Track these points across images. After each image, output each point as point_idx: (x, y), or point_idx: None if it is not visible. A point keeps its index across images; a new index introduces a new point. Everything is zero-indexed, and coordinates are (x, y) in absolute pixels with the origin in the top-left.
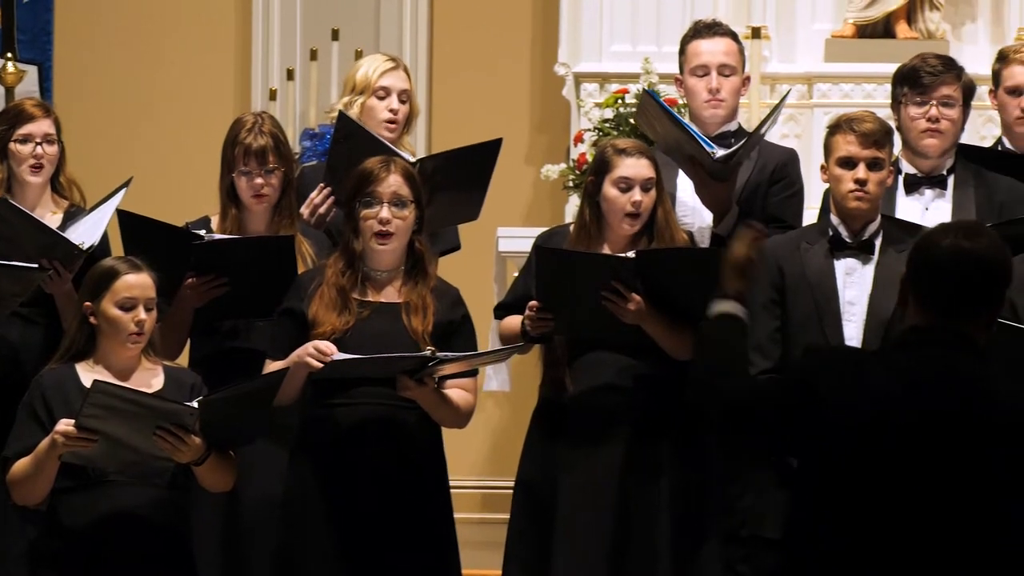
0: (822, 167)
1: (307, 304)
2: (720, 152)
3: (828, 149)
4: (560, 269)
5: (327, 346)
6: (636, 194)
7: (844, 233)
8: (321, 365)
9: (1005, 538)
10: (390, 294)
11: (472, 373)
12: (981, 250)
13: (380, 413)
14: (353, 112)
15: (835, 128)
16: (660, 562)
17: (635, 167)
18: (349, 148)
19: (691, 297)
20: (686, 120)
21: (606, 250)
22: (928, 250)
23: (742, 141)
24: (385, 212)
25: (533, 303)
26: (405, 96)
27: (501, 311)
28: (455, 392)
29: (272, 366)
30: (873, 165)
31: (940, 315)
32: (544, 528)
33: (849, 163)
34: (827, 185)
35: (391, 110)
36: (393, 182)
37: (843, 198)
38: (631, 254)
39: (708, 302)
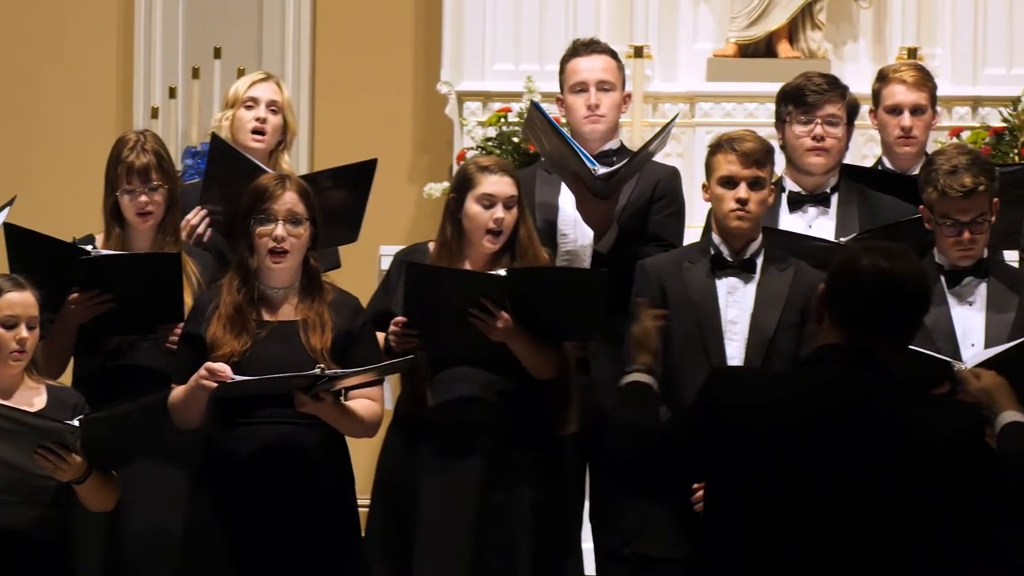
0: (703, 186)
1: (205, 327)
2: (602, 170)
3: (709, 168)
4: (429, 285)
5: (220, 367)
6: (498, 211)
7: (726, 252)
8: (215, 385)
9: (909, 559)
10: (287, 312)
11: (378, 382)
12: (901, 273)
13: (282, 432)
14: (224, 125)
15: (716, 147)
16: (520, 571)
17: (498, 184)
18: (222, 170)
19: (558, 316)
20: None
21: (467, 267)
22: (848, 269)
23: (624, 159)
24: (280, 230)
25: (398, 319)
26: (275, 107)
27: None
28: (359, 403)
29: (176, 391)
30: (754, 184)
31: (854, 335)
32: (404, 534)
33: (730, 182)
34: (709, 204)
35: (258, 119)
36: (288, 199)
37: (724, 217)
38: (502, 272)
39: (575, 321)
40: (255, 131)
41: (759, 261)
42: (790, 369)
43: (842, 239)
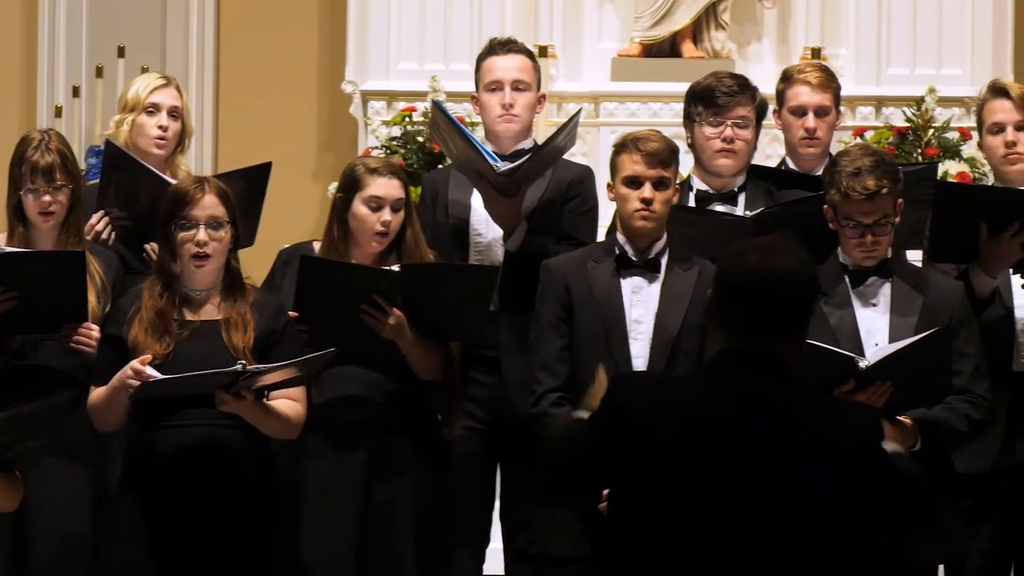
0: (608, 186)
1: (127, 330)
2: (505, 166)
3: (614, 168)
4: (322, 279)
5: (144, 367)
6: (386, 214)
7: (630, 252)
8: (138, 383)
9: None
10: (209, 312)
11: (299, 382)
12: (781, 269)
13: (204, 434)
14: (123, 130)
15: (621, 147)
16: (406, 558)
17: (386, 187)
18: (118, 176)
19: (449, 314)
20: (479, 136)
21: None
22: (729, 272)
23: (526, 156)
24: (202, 234)
25: (290, 313)
26: (176, 112)
27: None
28: (282, 402)
29: (96, 392)
30: (659, 184)
31: (745, 337)
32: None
33: (635, 182)
34: (614, 203)
35: (160, 126)
36: (208, 203)
37: (629, 217)
38: (396, 267)
39: (463, 320)
40: (158, 138)
41: (664, 261)
42: (693, 373)
43: (748, 212)
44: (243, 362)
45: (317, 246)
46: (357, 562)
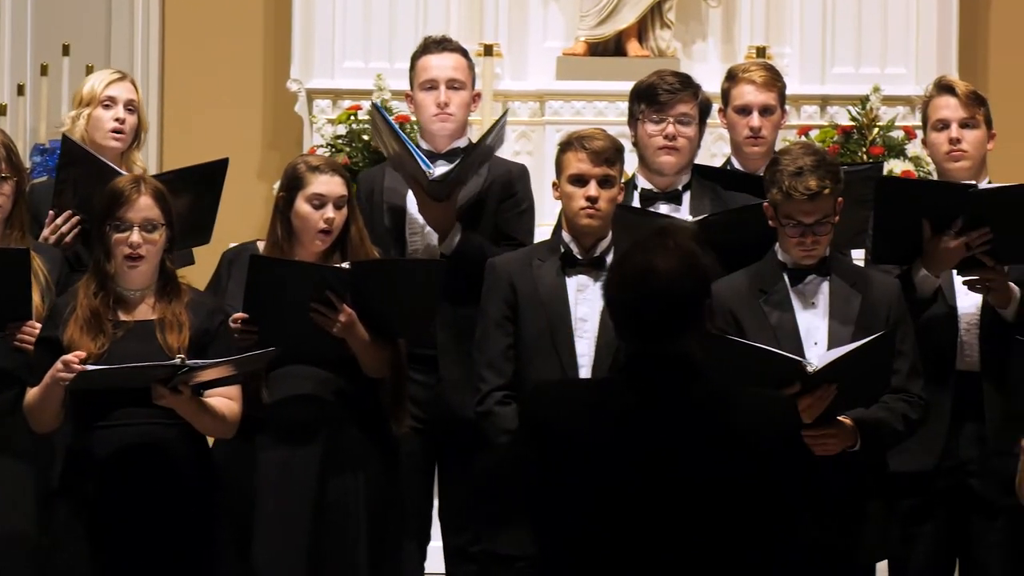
0: (554, 184)
1: (62, 330)
2: (437, 172)
3: (559, 166)
4: (271, 278)
5: (72, 356)
6: (329, 211)
7: (576, 250)
8: (71, 375)
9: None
10: (144, 312)
11: (235, 380)
12: (661, 271)
13: (141, 432)
14: (80, 124)
15: (566, 146)
16: (358, 556)
17: (328, 184)
18: (75, 172)
19: (399, 310)
20: (416, 136)
21: None
22: (612, 281)
23: (457, 161)
24: (136, 236)
25: (238, 315)
26: (132, 106)
27: None
28: (217, 400)
29: (31, 392)
30: (604, 182)
31: (646, 341)
32: (241, 531)
33: (580, 180)
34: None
35: (117, 119)
36: (143, 205)
37: (575, 215)
38: (345, 265)
39: (412, 316)
40: (114, 131)
41: (609, 259)
42: (607, 378)
43: (691, 217)
44: (182, 356)
45: (262, 246)
46: (310, 561)
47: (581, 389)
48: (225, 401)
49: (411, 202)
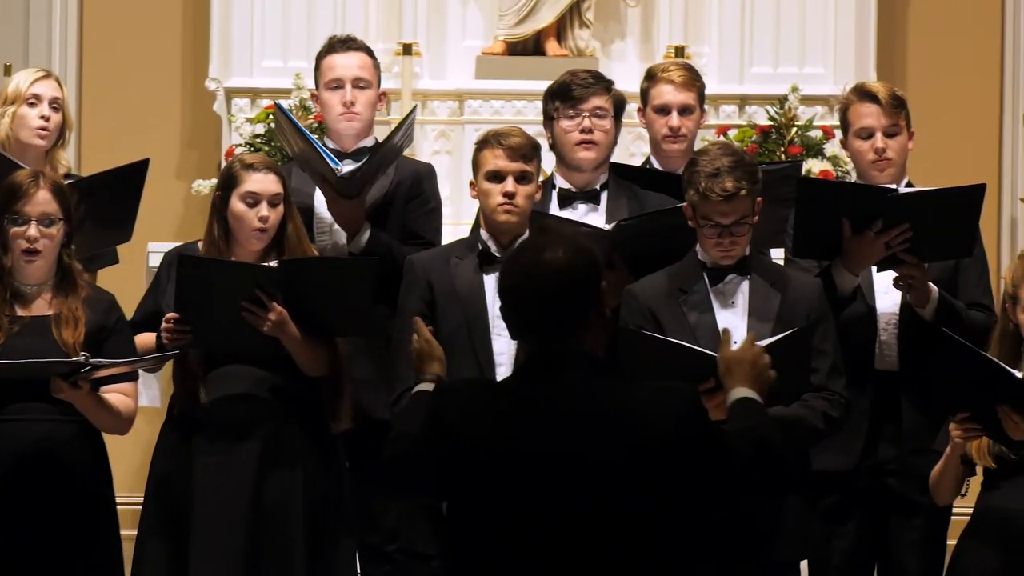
0: (471, 183)
1: None
2: (345, 169)
3: (476, 164)
4: (201, 278)
5: None
6: (263, 209)
7: (493, 248)
8: None
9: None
10: (40, 307)
11: (132, 377)
12: (550, 268)
13: (35, 429)
14: (4, 122)
15: (483, 143)
16: (295, 556)
17: (262, 182)
18: None
19: (329, 309)
20: (324, 136)
21: None
22: (504, 281)
23: (365, 158)
24: (33, 230)
25: (170, 315)
26: (57, 104)
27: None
28: (114, 396)
29: None
30: (521, 178)
31: (538, 339)
32: (180, 534)
33: (497, 177)
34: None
35: (43, 116)
36: (41, 199)
37: (492, 212)
38: (274, 263)
39: (345, 314)
40: (40, 128)
41: None
42: (509, 377)
43: (607, 225)
44: (86, 353)
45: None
46: (247, 560)
47: (483, 390)
48: (121, 397)
49: (319, 202)
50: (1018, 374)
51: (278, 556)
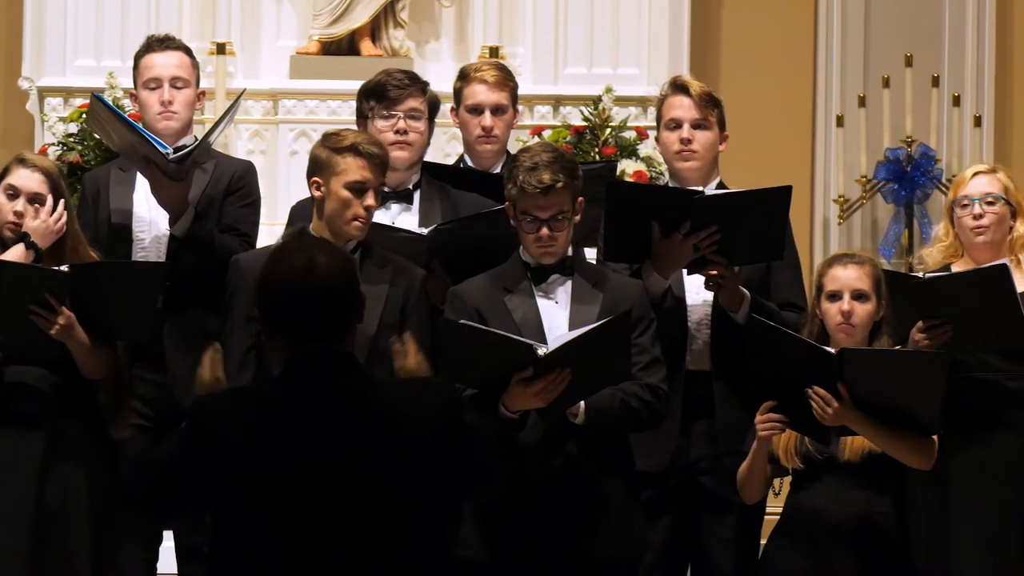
0: (314, 182)
1: None
2: (175, 153)
3: (328, 169)
4: None
5: None
6: (18, 204)
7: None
8: None
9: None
10: None
11: None
12: (322, 269)
13: None
14: None
15: (341, 150)
16: (80, 557)
17: (24, 178)
18: None
19: (117, 313)
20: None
21: None
22: (268, 285)
23: (197, 141)
24: None
25: None
26: None
27: None
28: None
29: None
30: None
31: (302, 341)
32: None
33: (361, 189)
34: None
35: None
36: None
37: (346, 224)
38: (65, 267)
39: (133, 318)
40: None
41: (356, 257)
42: (272, 384)
43: (424, 230)
44: None
45: None
46: (29, 560)
47: (244, 395)
48: None
49: (137, 202)
50: (831, 349)
51: (62, 558)
